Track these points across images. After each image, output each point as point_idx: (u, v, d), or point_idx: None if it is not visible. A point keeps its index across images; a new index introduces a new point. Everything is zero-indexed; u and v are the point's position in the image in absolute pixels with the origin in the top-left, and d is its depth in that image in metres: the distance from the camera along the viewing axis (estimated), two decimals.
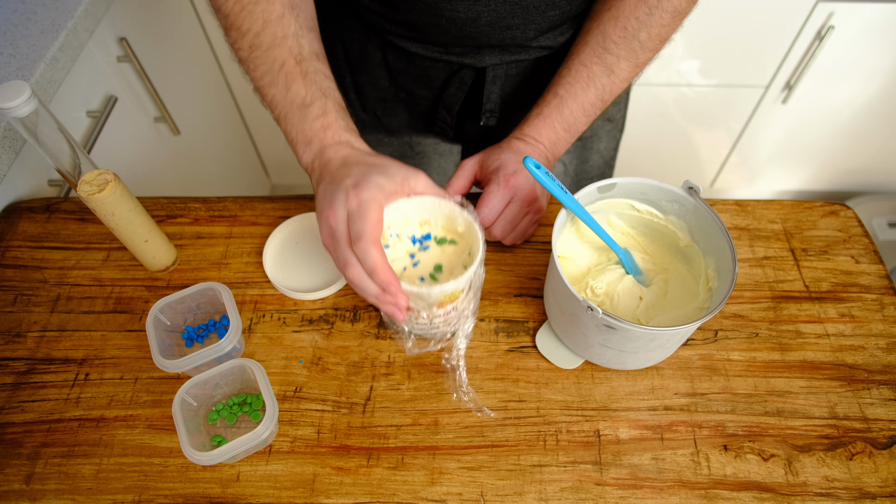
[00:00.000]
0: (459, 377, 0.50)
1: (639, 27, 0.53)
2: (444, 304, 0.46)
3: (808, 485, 0.46)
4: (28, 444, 0.48)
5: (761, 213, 0.63)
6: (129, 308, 0.56)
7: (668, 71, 1.12)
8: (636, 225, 0.55)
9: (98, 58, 0.83)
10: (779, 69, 1.11)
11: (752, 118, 1.21)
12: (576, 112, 0.56)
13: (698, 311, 0.49)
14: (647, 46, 0.55)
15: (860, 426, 0.49)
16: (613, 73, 0.55)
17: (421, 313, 0.46)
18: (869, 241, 0.61)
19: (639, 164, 1.34)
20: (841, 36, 1.03)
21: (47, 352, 0.53)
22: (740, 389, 0.51)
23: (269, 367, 0.52)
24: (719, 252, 0.48)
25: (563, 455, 0.48)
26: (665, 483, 0.46)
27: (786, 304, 0.57)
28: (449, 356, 0.51)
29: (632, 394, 0.51)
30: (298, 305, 0.56)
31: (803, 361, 0.53)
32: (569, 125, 0.56)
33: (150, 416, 0.49)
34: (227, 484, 0.46)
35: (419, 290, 0.43)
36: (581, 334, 0.48)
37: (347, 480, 0.46)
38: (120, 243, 0.60)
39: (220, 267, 0.58)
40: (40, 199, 0.64)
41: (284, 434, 0.49)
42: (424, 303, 0.45)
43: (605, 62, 0.55)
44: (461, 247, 0.49)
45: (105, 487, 0.46)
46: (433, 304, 0.45)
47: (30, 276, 0.58)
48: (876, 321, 0.55)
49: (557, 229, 0.48)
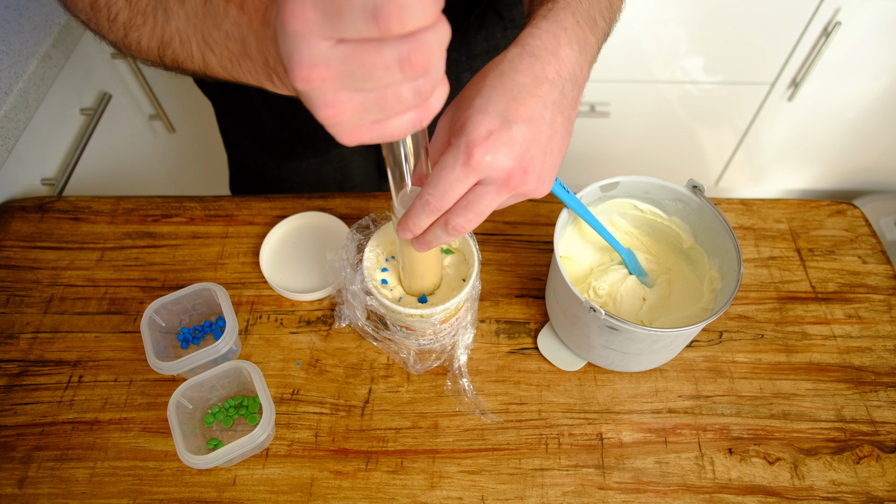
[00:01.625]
0: (464, 388, 0.50)
1: None
2: (448, 320, 0.45)
3: (814, 489, 0.46)
4: (21, 448, 0.47)
5: (767, 212, 0.62)
6: (123, 309, 0.55)
7: (672, 68, 1.11)
8: (639, 224, 0.54)
9: (92, 54, 0.83)
10: (785, 66, 1.09)
11: (757, 116, 1.20)
12: (594, 7, 0.38)
13: (703, 312, 0.48)
14: None
15: (867, 429, 0.48)
16: None
17: (427, 332, 0.46)
18: (876, 240, 0.60)
19: (642, 162, 1.33)
20: (848, 32, 1.02)
21: (40, 353, 0.52)
22: (745, 392, 0.50)
23: (266, 369, 0.51)
24: (724, 252, 0.47)
25: (565, 458, 0.47)
26: (669, 487, 0.46)
27: (792, 304, 0.56)
28: (451, 368, 0.51)
29: (635, 396, 0.50)
30: (296, 306, 0.55)
31: (809, 363, 0.52)
32: (593, 24, 0.37)
33: (144, 418, 0.49)
34: (224, 488, 0.45)
35: (422, 312, 0.43)
36: (583, 336, 0.47)
37: (346, 484, 0.46)
38: (116, 243, 0.59)
39: (216, 267, 0.58)
40: (33, 199, 0.63)
41: (282, 437, 0.48)
42: (428, 323, 0.44)
43: None
44: (457, 256, 0.48)
45: (99, 492, 0.45)
46: (437, 322, 0.44)
47: (22, 276, 0.57)
48: (883, 322, 0.54)
49: (559, 229, 0.47)
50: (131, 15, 0.36)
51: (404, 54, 0.23)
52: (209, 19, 0.33)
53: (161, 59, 0.37)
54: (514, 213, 0.62)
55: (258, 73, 0.32)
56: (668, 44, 1.06)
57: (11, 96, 0.62)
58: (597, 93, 1.15)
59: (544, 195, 0.36)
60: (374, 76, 0.24)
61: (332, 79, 0.24)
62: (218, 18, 0.32)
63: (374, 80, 0.24)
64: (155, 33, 0.36)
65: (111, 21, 0.37)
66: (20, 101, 0.63)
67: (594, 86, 1.13)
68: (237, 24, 0.31)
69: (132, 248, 0.59)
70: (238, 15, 0.31)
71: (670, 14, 1.02)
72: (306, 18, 0.23)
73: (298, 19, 0.23)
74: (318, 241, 0.59)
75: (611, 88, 1.14)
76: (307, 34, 0.23)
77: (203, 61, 0.35)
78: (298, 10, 0.23)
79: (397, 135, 0.27)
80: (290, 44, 0.24)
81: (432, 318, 0.44)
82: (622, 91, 1.15)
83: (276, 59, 0.30)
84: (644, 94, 1.16)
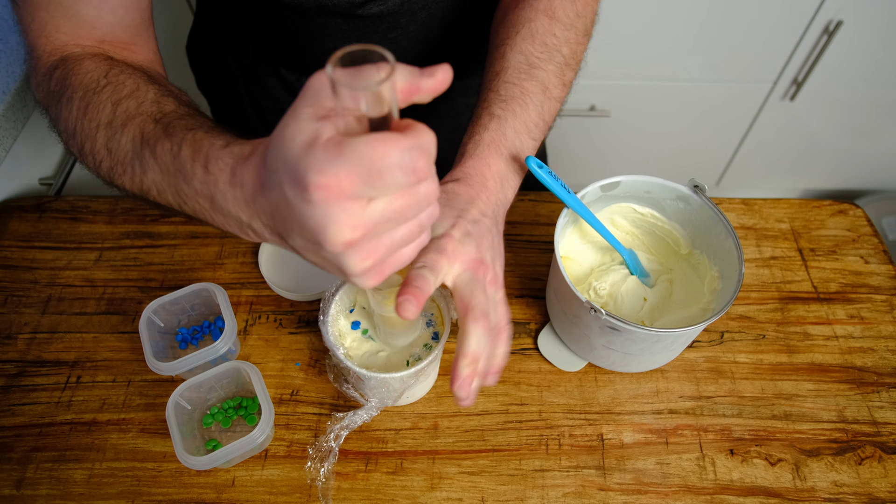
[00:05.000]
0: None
1: (558, 44, 0.47)
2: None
3: (816, 490, 0.45)
4: (19, 449, 0.47)
5: (768, 212, 0.62)
6: (121, 309, 0.54)
7: (673, 67, 1.11)
8: (640, 224, 0.54)
9: None
10: (786, 65, 1.09)
11: (759, 115, 1.19)
12: (521, 134, 0.44)
13: (704, 312, 0.48)
14: (570, 64, 0.48)
15: (869, 430, 0.48)
16: (548, 90, 0.46)
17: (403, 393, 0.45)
18: (878, 240, 0.60)
19: (643, 162, 1.33)
20: (850, 31, 1.01)
21: (38, 354, 0.52)
22: (747, 392, 0.50)
23: (265, 369, 0.51)
24: (725, 252, 0.47)
25: (565, 460, 0.47)
26: (670, 488, 0.45)
27: (793, 305, 0.55)
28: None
29: (636, 397, 0.50)
30: (295, 306, 0.55)
31: (811, 364, 0.52)
32: (516, 152, 0.44)
33: (143, 419, 0.48)
34: (222, 489, 0.45)
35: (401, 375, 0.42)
36: (584, 336, 0.47)
37: (345, 486, 0.45)
38: (114, 243, 0.59)
39: (214, 267, 0.57)
40: (31, 198, 0.63)
41: (281, 438, 0.48)
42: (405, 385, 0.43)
43: (535, 78, 0.46)
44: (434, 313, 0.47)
45: (97, 493, 0.45)
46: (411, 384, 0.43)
47: (20, 276, 0.57)
48: (885, 323, 0.54)
49: (560, 229, 0.47)
50: (112, 164, 0.38)
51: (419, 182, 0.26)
52: (179, 175, 0.34)
53: (144, 199, 0.39)
54: (514, 213, 0.61)
55: (231, 226, 0.33)
56: (670, 43, 1.06)
57: (9, 95, 0.62)
58: (598, 93, 1.15)
59: None
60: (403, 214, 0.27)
61: (370, 234, 0.27)
62: (186, 175, 0.33)
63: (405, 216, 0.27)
64: (134, 182, 0.37)
65: (97, 168, 0.40)
66: (17, 100, 0.63)
67: (595, 86, 1.13)
68: (204, 183, 0.32)
69: (130, 247, 0.59)
70: (203, 174, 0.32)
71: (671, 13, 1.01)
72: (341, 191, 0.24)
73: (333, 190, 0.24)
74: None
75: (612, 88, 1.14)
76: (343, 201, 0.25)
77: (181, 209, 0.36)
78: (332, 183, 0.24)
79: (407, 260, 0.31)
80: (322, 214, 0.25)
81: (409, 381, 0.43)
82: (623, 91, 1.15)
83: (252, 216, 0.31)
84: (645, 94, 1.16)
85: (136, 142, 0.36)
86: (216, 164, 0.31)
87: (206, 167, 0.32)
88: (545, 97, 0.46)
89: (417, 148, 0.25)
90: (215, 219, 0.34)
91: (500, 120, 0.44)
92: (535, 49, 0.47)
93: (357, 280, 0.29)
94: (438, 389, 0.50)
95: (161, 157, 0.35)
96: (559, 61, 0.47)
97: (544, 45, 0.47)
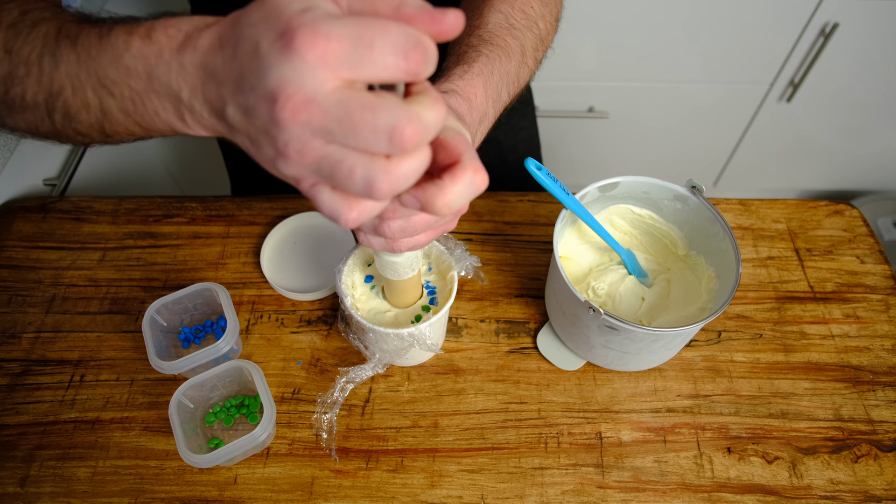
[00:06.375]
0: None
1: (535, 17, 0.47)
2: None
3: (812, 488, 0.46)
4: (23, 447, 0.47)
5: (765, 212, 0.62)
6: (125, 309, 0.55)
7: (670, 69, 1.11)
8: (638, 225, 0.54)
9: None
10: (783, 67, 1.10)
11: (755, 116, 1.20)
12: (502, 83, 0.42)
13: (701, 311, 0.49)
14: (544, 41, 0.47)
15: (865, 428, 0.49)
16: (525, 55, 0.45)
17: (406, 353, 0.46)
18: (874, 240, 0.60)
19: (641, 162, 1.33)
20: (846, 33, 1.02)
21: (42, 353, 0.52)
22: (744, 391, 0.51)
23: (267, 368, 0.51)
24: (722, 252, 0.47)
25: (564, 458, 0.47)
26: (668, 486, 0.46)
27: (790, 304, 0.56)
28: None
29: (634, 395, 0.50)
30: (296, 306, 0.55)
31: (808, 363, 0.52)
32: (496, 97, 0.42)
33: (146, 418, 0.49)
34: (225, 487, 0.46)
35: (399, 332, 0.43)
36: (583, 335, 0.47)
37: (346, 483, 0.46)
38: (118, 243, 0.59)
39: (217, 267, 0.58)
40: (35, 199, 0.63)
41: (282, 436, 0.48)
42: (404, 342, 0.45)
43: (516, 38, 0.44)
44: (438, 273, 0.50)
45: (101, 490, 0.45)
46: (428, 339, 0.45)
47: (24, 276, 0.57)
48: (881, 322, 0.55)
49: (559, 229, 0.47)
50: (12, 67, 0.32)
51: (399, 125, 0.22)
52: (105, 56, 0.30)
53: (50, 114, 0.33)
54: (514, 213, 0.62)
55: (167, 110, 0.29)
56: (667, 45, 1.06)
57: None
58: (596, 94, 1.15)
59: None
60: (358, 135, 0.22)
61: (317, 121, 0.22)
62: (116, 53, 0.29)
63: (355, 138, 0.23)
64: (42, 84, 0.32)
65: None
66: None
67: (593, 87, 1.13)
68: (141, 56, 0.29)
69: (134, 248, 0.59)
70: (142, 46, 0.29)
71: (669, 15, 1.02)
72: (326, 50, 0.21)
73: (318, 49, 0.21)
74: (318, 241, 0.59)
75: (610, 90, 1.15)
76: (319, 66, 0.22)
77: (100, 108, 0.31)
78: (320, 40, 0.21)
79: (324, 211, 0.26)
80: (290, 70, 0.22)
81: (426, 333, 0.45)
82: (621, 92, 1.15)
83: (195, 86, 0.27)
84: (643, 96, 1.17)
85: (48, 37, 0.32)
86: (164, 32, 0.28)
87: (149, 36, 0.28)
88: (522, 60, 0.45)
89: (417, 40, 0.22)
90: (147, 104, 0.29)
91: (489, 59, 0.41)
92: (515, 14, 0.46)
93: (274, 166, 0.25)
94: (439, 388, 0.51)
95: (83, 42, 0.30)
96: (536, 33, 0.46)
97: (523, 13, 0.46)
